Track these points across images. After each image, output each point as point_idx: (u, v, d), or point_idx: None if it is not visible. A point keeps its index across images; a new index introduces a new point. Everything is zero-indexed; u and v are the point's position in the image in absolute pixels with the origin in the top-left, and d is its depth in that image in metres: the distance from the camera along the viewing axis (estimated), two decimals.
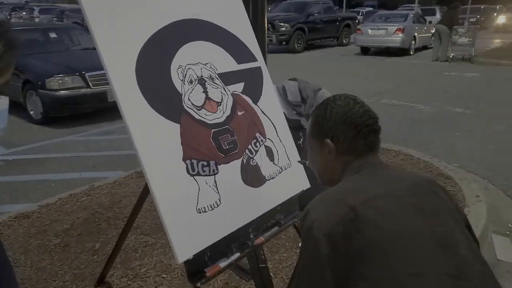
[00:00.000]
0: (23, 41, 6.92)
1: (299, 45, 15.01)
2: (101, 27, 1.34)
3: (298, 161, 1.71)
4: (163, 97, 1.43)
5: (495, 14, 25.97)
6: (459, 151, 4.85)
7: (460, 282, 0.91)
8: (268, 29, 14.18)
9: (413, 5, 21.68)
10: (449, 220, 1.01)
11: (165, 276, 2.38)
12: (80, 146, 5.21)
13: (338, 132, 1.12)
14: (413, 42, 13.94)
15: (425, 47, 14.99)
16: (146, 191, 1.72)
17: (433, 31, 13.28)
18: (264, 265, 1.65)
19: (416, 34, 13.98)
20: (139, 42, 1.42)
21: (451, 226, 1.00)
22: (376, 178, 1.08)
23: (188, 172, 1.42)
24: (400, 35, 13.32)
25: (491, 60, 11.57)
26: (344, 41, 17.13)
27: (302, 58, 14.05)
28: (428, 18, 16.75)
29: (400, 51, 13.80)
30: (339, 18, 16.68)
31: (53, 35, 7.40)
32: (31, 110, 6.20)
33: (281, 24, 14.53)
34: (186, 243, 1.36)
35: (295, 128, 1.82)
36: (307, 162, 1.30)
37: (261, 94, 1.77)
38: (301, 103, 2.92)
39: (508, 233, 3.16)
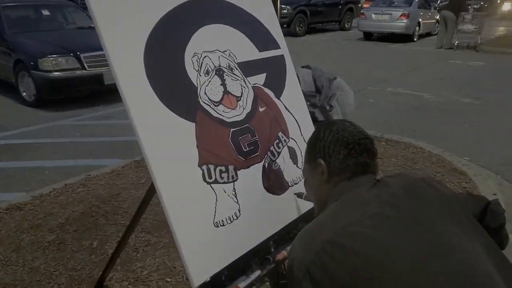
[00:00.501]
0: (14, 18, 6.61)
1: (300, 28, 14.65)
2: (101, 5, 1.12)
3: (295, 193, 1.50)
4: (176, 90, 1.22)
5: (498, 1, 25.60)
6: (469, 144, 4.68)
7: (459, 285, 0.86)
8: None
9: None
10: (437, 223, 0.95)
11: (169, 280, 2.20)
12: (75, 131, 4.97)
13: (330, 151, 1.09)
14: (417, 28, 13.64)
15: (429, 34, 14.68)
16: (152, 191, 1.53)
17: (437, 17, 12.98)
18: (285, 281, 1.47)
19: (420, 20, 13.66)
20: (149, 23, 1.20)
21: (439, 230, 0.94)
22: (354, 202, 1.02)
23: (204, 179, 1.22)
24: (405, 20, 13.00)
25: (497, 48, 11.34)
26: (346, 25, 16.76)
27: (303, 42, 13.72)
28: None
29: (403, 38, 13.49)
30: (341, 2, 16.25)
31: (46, 12, 7.05)
32: (24, 92, 5.93)
33: (283, 6, 14.11)
34: (202, 263, 1.17)
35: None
36: (304, 195, 1.26)
37: (284, 87, 1.56)
38: (315, 93, 2.71)
39: None
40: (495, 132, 5.04)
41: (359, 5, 17.57)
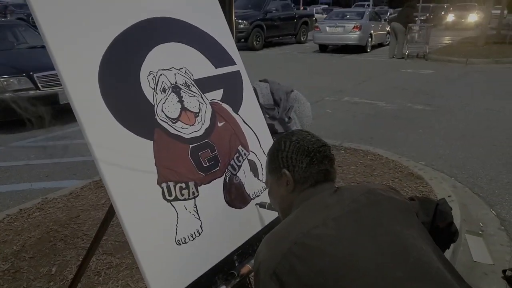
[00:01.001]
0: None
1: (257, 42, 14.89)
2: (55, 30, 1.10)
3: (257, 204, 1.53)
4: (132, 109, 1.21)
5: (442, 13, 27.17)
6: (424, 148, 4.89)
7: (419, 284, 0.90)
8: None
9: (366, 2, 22.16)
10: (394, 226, 1.01)
11: None
12: (30, 153, 4.77)
13: (293, 161, 1.14)
14: (370, 39, 14.21)
15: (381, 44, 15.34)
16: (111, 212, 1.49)
17: (388, 28, 13.61)
18: None
19: (372, 31, 14.26)
20: (103, 43, 1.19)
21: (397, 232, 1.00)
22: (318, 206, 1.07)
23: (164, 197, 1.21)
24: (357, 32, 13.53)
25: (444, 57, 11.99)
26: (302, 38, 17.21)
27: (261, 55, 13.93)
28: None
29: (357, 49, 14.02)
30: (296, 16, 16.71)
31: None
32: None
33: (240, 21, 14.32)
34: (166, 283, 1.15)
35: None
36: (267, 204, 1.30)
37: (242, 101, 1.58)
38: (274, 106, 2.76)
39: (480, 232, 3.17)
40: (447, 136, 5.31)
41: (314, 18, 18.10)
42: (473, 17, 23.31)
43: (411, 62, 11.76)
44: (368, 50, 14.24)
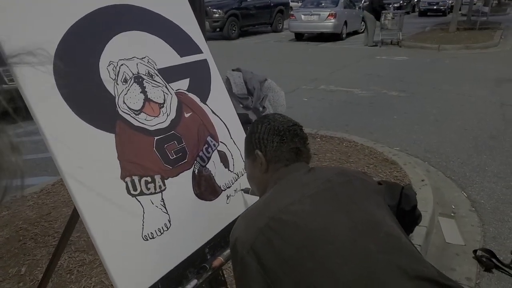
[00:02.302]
0: None
1: (233, 31, 14.74)
2: (2, 19, 1.03)
3: (241, 190, 1.55)
4: (91, 101, 1.15)
5: (415, 0, 27.49)
6: (399, 134, 4.97)
7: (390, 256, 0.94)
8: None
9: None
10: (366, 204, 1.06)
11: None
12: None
13: (265, 141, 1.18)
14: (345, 27, 14.26)
15: (355, 32, 15.42)
16: None
17: (362, 16, 13.71)
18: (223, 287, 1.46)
19: (347, 19, 14.30)
20: (58, 31, 1.12)
21: (368, 209, 1.05)
22: (294, 184, 1.10)
23: (128, 192, 1.16)
24: (333, 20, 13.54)
25: (417, 43, 12.16)
26: (278, 27, 17.12)
27: (237, 45, 13.81)
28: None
29: (332, 36, 14.05)
30: (271, 4, 16.58)
31: None
32: None
33: (214, 10, 14.13)
34: (133, 280, 1.11)
35: (243, 123, 1.64)
36: (250, 190, 1.33)
37: (210, 91, 1.54)
38: (247, 95, 2.72)
39: (452, 214, 3.24)
40: (421, 121, 5.40)
41: (289, 6, 18.02)
42: (445, 3, 23.67)
43: (386, 49, 11.88)
44: (344, 37, 14.29)
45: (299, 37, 14.70)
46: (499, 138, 4.71)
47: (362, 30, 14.81)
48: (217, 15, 14.16)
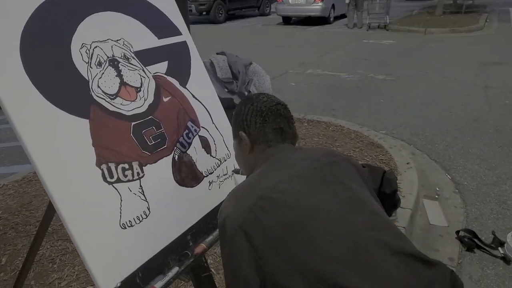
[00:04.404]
0: None
1: (220, 15, 14.53)
2: None
3: (232, 171, 1.56)
4: (63, 86, 1.10)
5: None
6: (384, 118, 4.98)
7: (376, 233, 0.97)
8: None
9: None
10: (352, 184, 1.07)
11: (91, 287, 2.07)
12: None
13: (248, 122, 1.17)
14: (332, 10, 14.14)
15: (343, 15, 15.29)
16: None
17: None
18: (207, 274, 1.44)
19: (334, 2, 14.18)
20: (25, 12, 1.06)
21: (355, 189, 1.06)
22: (282, 163, 1.10)
23: (105, 179, 1.13)
24: (320, 3, 13.41)
25: (404, 27, 12.13)
26: (265, 10, 16.92)
27: (224, 28, 13.63)
28: None
29: (320, 20, 13.94)
30: None
31: None
32: None
33: None
34: (110, 270, 1.08)
35: (227, 108, 1.60)
36: (240, 170, 1.31)
37: (190, 74, 1.49)
38: (232, 79, 2.67)
39: (436, 196, 3.28)
40: (407, 105, 5.42)
41: None
42: None
43: (373, 32, 11.84)
44: (331, 21, 14.19)
45: (287, 20, 14.56)
46: (482, 120, 4.76)
47: None
48: None
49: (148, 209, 1.21)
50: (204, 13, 14.24)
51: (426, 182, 3.50)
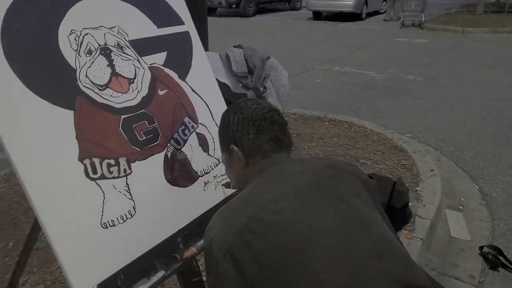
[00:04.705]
0: None
1: (250, 8, 14.42)
2: None
3: (223, 185, 1.43)
4: (47, 74, 1.04)
5: None
6: (412, 120, 4.77)
7: (381, 262, 0.86)
8: None
9: None
10: (356, 201, 0.97)
11: None
12: None
13: (240, 134, 1.05)
14: (365, 6, 13.78)
15: (376, 12, 14.90)
16: None
17: None
18: (197, 279, 1.36)
19: None
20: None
21: (359, 207, 0.96)
22: (277, 178, 1.00)
23: (87, 175, 1.06)
24: None
25: (440, 25, 11.67)
26: (296, 5, 16.69)
27: (253, 22, 13.52)
28: None
29: (352, 16, 13.62)
30: None
31: None
32: None
33: None
34: (88, 270, 1.02)
35: None
36: (232, 183, 1.19)
37: (190, 66, 1.41)
38: (247, 74, 2.58)
39: (461, 207, 3.09)
40: (436, 108, 5.17)
41: None
42: None
43: (406, 31, 11.45)
44: (363, 18, 13.83)
45: (317, 16, 14.30)
46: None
47: (383, 10, 14.32)
48: None
49: (134, 209, 1.14)
50: (234, 6, 14.17)
51: (450, 191, 3.30)
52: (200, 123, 1.39)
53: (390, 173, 3.21)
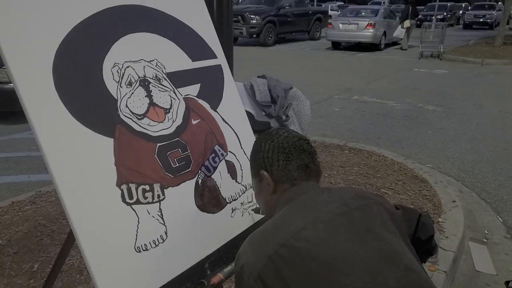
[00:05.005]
0: None
1: (270, 38, 14.74)
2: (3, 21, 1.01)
3: (252, 210, 1.47)
4: (91, 104, 1.11)
5: (460, 12, 26.59)
6: (432, 151, 4.74)
7: None
8: (238, 21, 13.88)
9: (382, 0, 21.84)
10: (384, 232, 0.98)
11: None
12: (31, 145, 4.75)
13: (270, 160, 1.09)
14: (384, 37, 13.94)
15: (394, 43, 15.04)
16: None
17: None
18: None
19: (386, 29, 13.98)
20: (59, 33, 1.09)
21: (387, 238, 0.97)
22: (306, 206, 1.02)
23: (123, 200, 1.11)
24: (371, 30, 13.28)
25: (459, 57, 11.70)
26: (315, 35, 16.98)
27: (273, 51, 13.79)
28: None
29: (371, 47, 13.77)
30: (310, 12, 16.48)
31: None
32: None
33: (252, 16, 14.19)
34: None
35: (264, 131, 1.56)
36: (261, 209, 1.21)
37: (222, 98, 1.47)
38: (270, 103, 2.65)
39: (485, 240, 3.02)
40: (457, 138, 5.14)
41: (328, 15, 17.83)
42: (492, 16, 22.70)
43: (425, 61, 11.49)
44: (382, 48, 13.97)
45: (336, 46, 14.51)
46: None
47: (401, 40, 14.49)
48: (254, 21, 14.21)
49: (166, 234, 1.18)
50: (255, 35, 14.52)
51: (473, 224, 3.24)
52: (229, 151, 1.44)
53: (411, 203, 3.18)
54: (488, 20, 22.70)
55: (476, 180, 4.00)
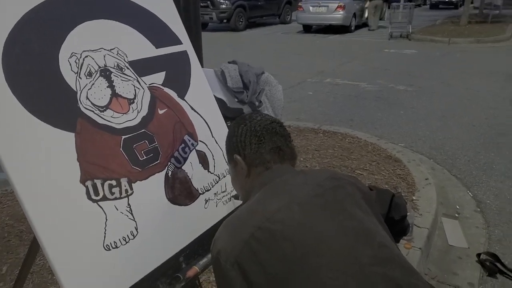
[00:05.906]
0: None
1: (240, 23, 14.56)
2: None
3: (232, 196, 1.47)
4: (47, 97, 1.04)
5: None
6: (404, 130, 4.82)
7: (383, 268, 0.88)
8: (207, 7, 13.63)
9: None
10: (358, 211, 0.99)
11: None
12: None
13: (243, 144, 1.09)
14: (354, 19, 14.00)
15: (365, 24, 15.13)
16: None
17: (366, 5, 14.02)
18: None
19: (356, 11, 14.03)
20: (8, 23, 1.01)
21: (360, 217, 0.98)
22: (281, 189, 1.02)
23: (89, 197, 1.06)
24: (341, 12, 13.29)
25: (426, 36, 11.89)
26: (286, 18, 16.88)
27: (244, 36, 13.64)
28: None
29: (341, 29, 13.81)
30: None
31: None
32: None
33: (221, 1, 13.95)
34: None
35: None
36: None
37: (189, 85, 1.42)
38: (242, 89, 2.60)
39: (456, 215, 3.11)
40: (428, 117, 5.24)
41: None
42: None
43: (395, 42, 11.63)
44: (352, 30, 14.04)
45: (307, 29, 14.47)
46: (508, 135, 4.54)
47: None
48: (224, 6, 13.98)
49: (136, 229, 1.14)
50: (225, 21, 14.30)
51: (445, 200, 3.33)
52: (200, 141, 1.40)
53: (386, 183, 3.23)
54: (453, 0, 23.14)
55: (447, 157, 4.09)
